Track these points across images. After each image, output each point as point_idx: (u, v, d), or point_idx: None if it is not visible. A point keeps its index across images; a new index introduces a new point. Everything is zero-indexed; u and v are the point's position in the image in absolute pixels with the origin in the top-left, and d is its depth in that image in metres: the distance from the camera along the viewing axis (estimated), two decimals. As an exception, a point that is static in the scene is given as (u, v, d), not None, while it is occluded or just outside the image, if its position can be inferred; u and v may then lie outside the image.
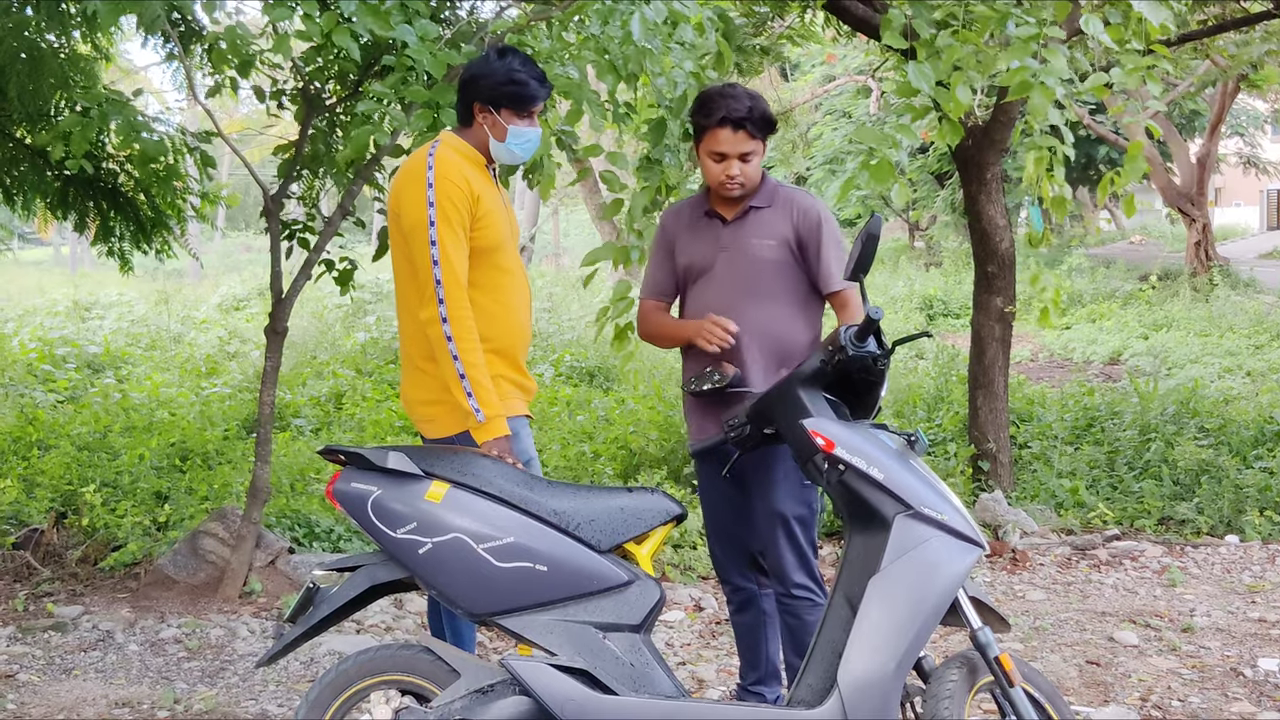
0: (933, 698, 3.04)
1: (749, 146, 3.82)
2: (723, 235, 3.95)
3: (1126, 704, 4.57)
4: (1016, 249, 8.49)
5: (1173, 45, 8.70)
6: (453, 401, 3.53)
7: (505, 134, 3.65)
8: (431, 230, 3.46)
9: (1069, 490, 7.61)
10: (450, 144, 3.65)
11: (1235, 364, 13.23)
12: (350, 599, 3.28)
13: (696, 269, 3.99)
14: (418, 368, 3.66)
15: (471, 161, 3.64)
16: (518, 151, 3.71)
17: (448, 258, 3.47)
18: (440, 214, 3.47)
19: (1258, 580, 6.32)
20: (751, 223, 3.92)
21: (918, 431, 3.37)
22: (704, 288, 3.98)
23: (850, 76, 24.21)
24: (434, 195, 3.48)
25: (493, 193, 3.67)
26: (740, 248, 3.92)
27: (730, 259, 3.92)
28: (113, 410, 9.02)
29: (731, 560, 4.10)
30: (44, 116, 5.95)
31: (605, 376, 12.23)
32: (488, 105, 3.64)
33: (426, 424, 3.66)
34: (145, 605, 5.67)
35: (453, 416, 3.57)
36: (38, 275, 27.99)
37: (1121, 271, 23.13)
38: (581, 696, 3.07)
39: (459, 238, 3.50)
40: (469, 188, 3.54)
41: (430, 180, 3.49)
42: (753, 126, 3.81)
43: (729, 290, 3.91)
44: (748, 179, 3.87)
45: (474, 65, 3.71)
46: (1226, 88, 19.71)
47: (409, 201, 3.53)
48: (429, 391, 3.62)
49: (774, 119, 3.87)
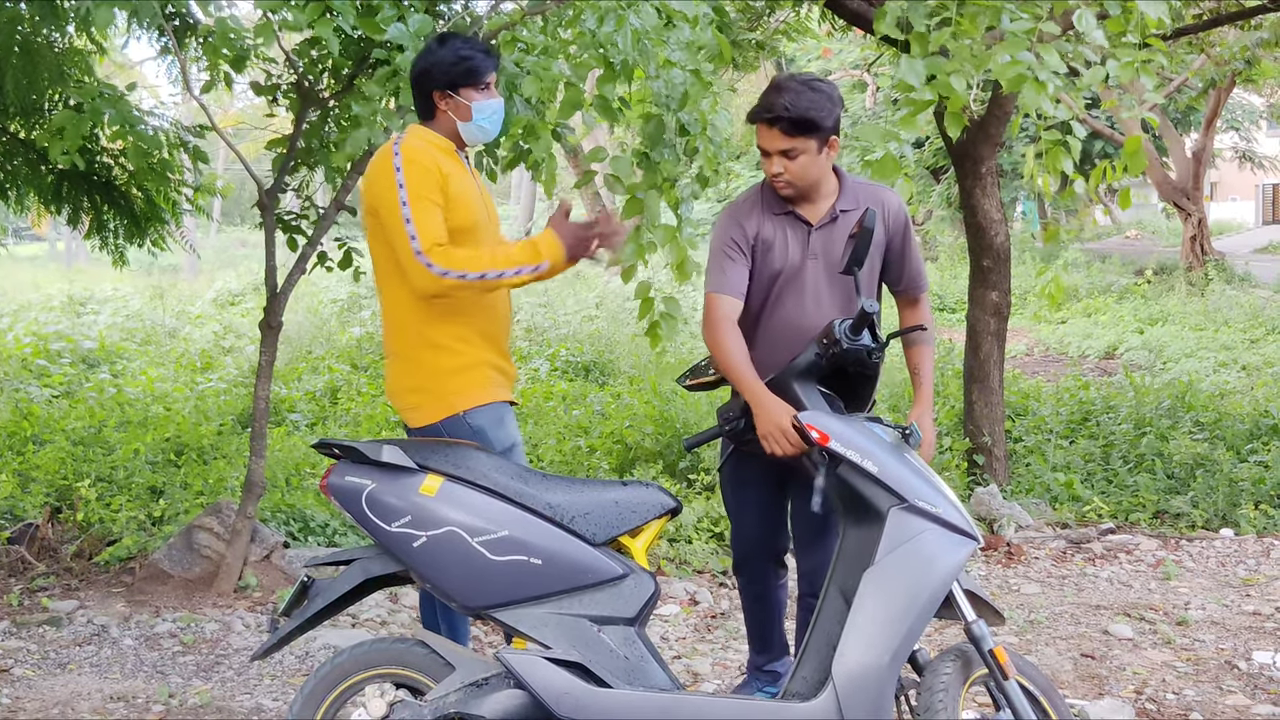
0: (927, 690, 3.04)
1: (786, 144, 3.63)
2: (811, 241, 3.75)
3: (1121, 697, 4.58)
4: (1012, 243, 8.49)
5: (1169, 40, 8.71)
6: (436, 389, 3.56)
7: (470, 112, 3.67)
8: (404, 209, 3.47)
9: (1064, 484, 7.62)
10: (417, 134, 3.68)
11: (1230, 358, 13.26)
12: (344, 592, 3.27)
13: (785, 275, 3.76)
14: (401, 356, 3.65)
15: (440, 149, 3.65)
16: (486, 125, 3.73)
17: (423, 223, 3.46)
18: (411, 191, 3.48)
19: (1252, 573, 6.33)
20: (841, 227, 3.72)
21: (912, 425, 3.38)
22: (791, 296, 3.77)
23: (846, 71, 24.21)
24: (402, 177, 3.50)
25: (465, 176, 3.68)
26: (831, 255, 3.72)
27: (820, 266, 3.74)
28: (108, 405, 9.02)
29: (757, 554, 4.07)
30: (38, 111, 5.94)
31: (601, 371, 12.24)
32: (446, 90, 3.66)
33: (411, 412, 3.65)
34: (140, 600, 5.66)
35: (436, 405, 3.58)
36: (33, 270, 27.94)
37: (1117, 266, 23.15)
38: (576, 690, 3.07)
39: (432, 207, 3.50)
40: (438, 168, 3.55)
41: (398, 165, 3.52)
42: (788, 125, 3.60)
43: (820, 300, 3.74)
44: (794, 177, 3.67)
45: (421, 60, 3.73)
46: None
47: (380, 187, 3.55)
48: (412, 379, 3.62)
49: (814, 120, 3.59)
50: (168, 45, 5.84)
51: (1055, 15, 5.07)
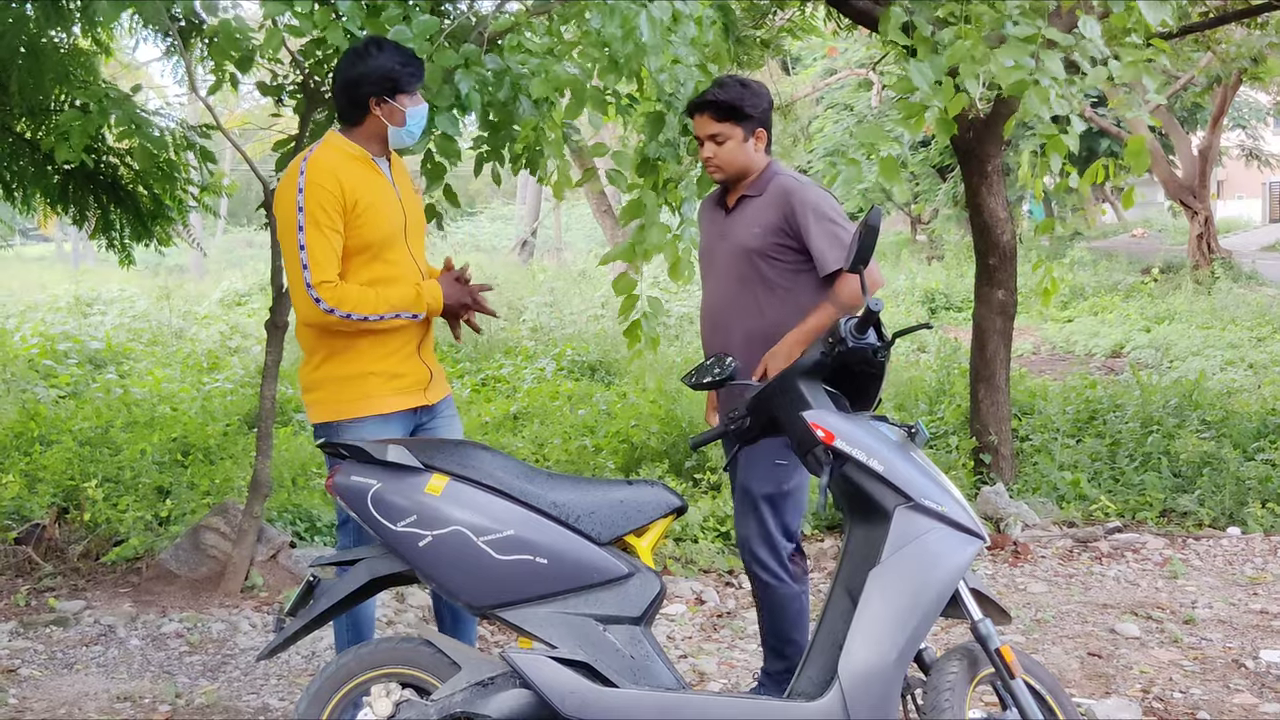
0: (933, 690, 3.04)
1: (714, 129, 4.00)
2: (724, 225, 4.12)
3: (1128, 696, 4.57)
4: (1018, 241, 8.48)
5: (1174, 38, 8.69)
6: (324, 392, 3.69)
7: (404, 117, 3.73)
8: (300, 234, 3.57)
9: (1070, 483, 7.60)
10: (332, 144, 3.71)
11: (1237, 356, 13.23)
12: (350, 592, 3.28)
13: (703, 257, 4.20)
14: (304, 357, 3.80)
15: (355, 159, 3.69)
16: (415, 130, 3.79)
17: (316, 255, 3.55)
18: (309, 216, 3.56)
19: (1259, 572, 6.31)
20: (744, 211, 4.06)
21: (918, 423, 3.37)
22: (707, 276, 4.18)
23: (851, 70, 24.20)
24: (303, 200, 3.57)
25: (378, 187, 3.71)
26: (734, 237, 4.05)
27: (728, 248, 4.07)
28: (114, 405, 9.03)
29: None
30: (44, 111, 5.94)
31: (607, 370, 12.24)
32: (383, 96, 3.69)
33: (308, 408, 3.80)
34: (147, 600, 5.67)
35: (319, 408, 3.71)
36: (40, 271, 27.98)
37: (1123, 264, 23.11)
38: (582, 689, 3.07)
39: (328, 236, 3.57)
40: (339, 189, 3.59)
41: (300, 185, 3.59)
42: (713, 110, 3.99)
43: (725, 279, 4.07)
44: (722, 162, 4.03)
45: (353, 66, 3.73)
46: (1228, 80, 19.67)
47: (282, 208, 3.64)
48: (306, 379, 3.78)
49: (740, 107, 3.97)
50: (173, 46, 5.85)
51: (1062, 11, 5.06)
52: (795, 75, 26.61)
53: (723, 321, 4.07)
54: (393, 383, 3.71)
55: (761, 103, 4.06)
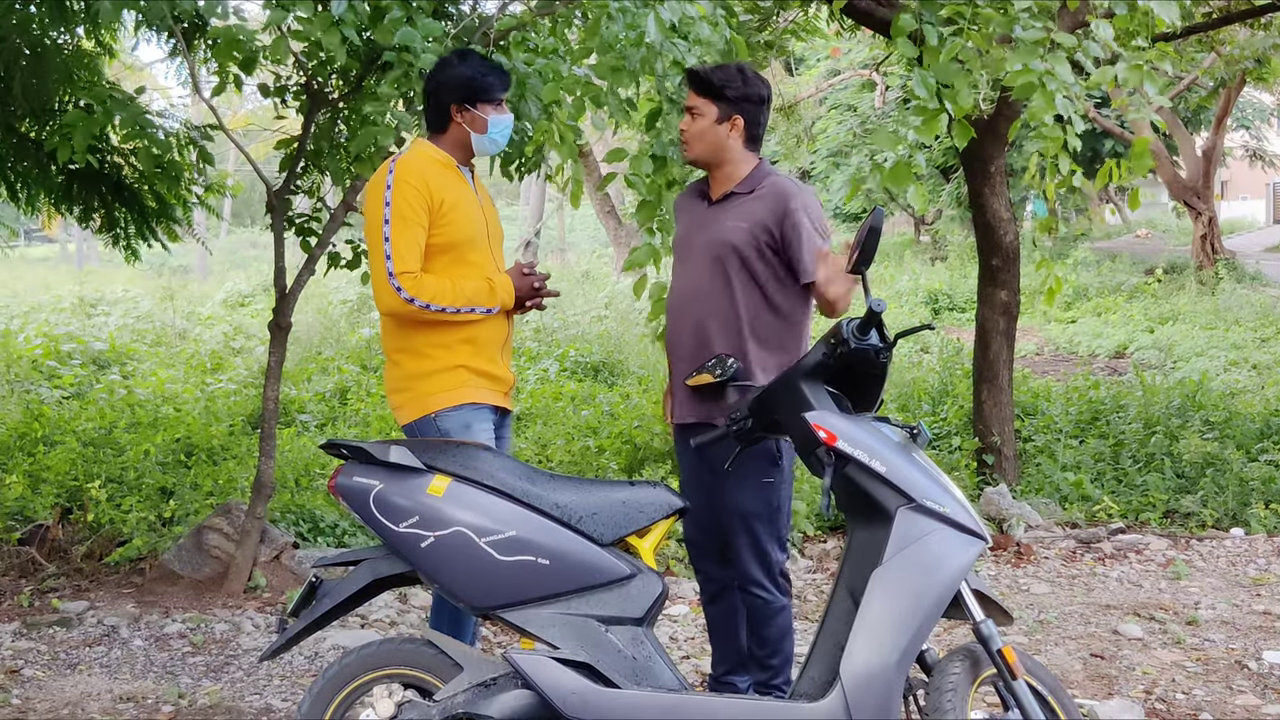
0: (935, 691, 3.04)
1: (692, 102, 3.96)
2: (704, 216, 4.03)
3: (1131, 697, 4.57)
4: (1021, 242, 8.48)
5: (1178, 38, 8.69)
6: (411, 391, 3.76)
7: (486, 125, 3.85)
8: (386, 227, 3.67)
9: (1073, 484, 7.60)
10: (419, 150, 3.84)
11: (1241, 357, 13.22)
12: (353, 593, 3.28)
13: (678, 246, 4.12)
14: (389, 359, 3.87)
15: (441, 164, 3.81)
16: (499, 139, 3.92)
17: (400, 246, 3.66)
18: (395, 210, 3.67)
19: (1262, 573, 6.31)
20: (729, 206, 3.97)
21: (920, 424, 3.37)
22: (679, 265, 4.09)
23: (855, 71, 24.17)
24: (390, 195, 3.69)
25: (463, 192, 3.83)
26: (715, 230, 3.96)
27: (705, 240, 3.98)
28: (118, 406, 9.04)
29: (705, 549, 4.11)
30: (48, 112, 5.95)
31: (610, 371, 12.24)
32: (464, 104, 3.82)
33: (395, 411, 3.86)
34: (150, 600, 5.68)
35: (411, 406, 3.77)
36: (44, 272, 28.03)
37: (1127, 265, 23.09)
38: (584, 690, 3.08)
39: (413, 230, 3.68)
40: (428, 189, 3.70)
41: (389, 183, 3.70)
42: (696, 84, 3.96)
43: (697, 271, 3.98)
44: (691, 136, 3.97)
45: (437, 75, 3.89)
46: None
47: (371, 203, 3.74)
48: (395, 381, 3.84)
49: (718, 86, 3.91)
50: (177, 47, 5.86)
51: (1072, 8, 5.05)
52: (799, 76, 26.59)
53: (691, 312, 3.98)
54: (482, 379, 3.80)
55: (748, 90, 3.93)
